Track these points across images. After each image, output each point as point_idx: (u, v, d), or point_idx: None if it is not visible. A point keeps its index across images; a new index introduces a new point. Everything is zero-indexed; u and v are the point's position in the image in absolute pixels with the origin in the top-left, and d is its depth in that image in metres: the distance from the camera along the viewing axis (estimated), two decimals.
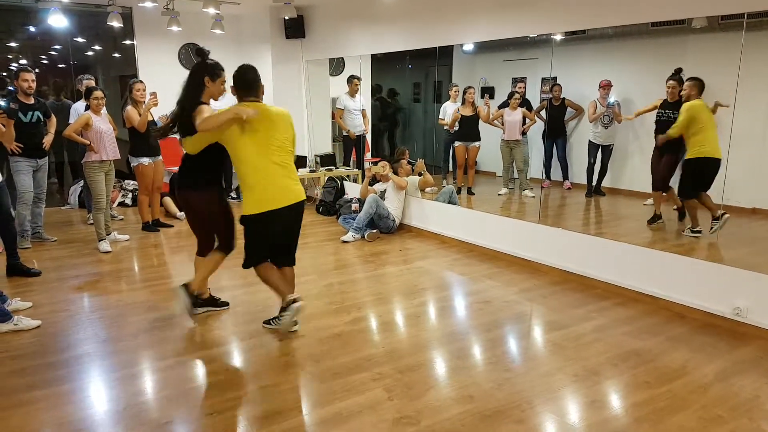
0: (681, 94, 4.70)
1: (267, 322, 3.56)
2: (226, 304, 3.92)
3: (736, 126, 3.84)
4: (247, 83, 3.24)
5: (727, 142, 3.88)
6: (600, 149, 5.99)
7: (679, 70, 4.84)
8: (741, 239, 4.45)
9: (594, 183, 6.05)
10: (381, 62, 7.58)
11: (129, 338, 3.40)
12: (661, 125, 4.92)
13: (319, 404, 2.68)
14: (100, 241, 5.29)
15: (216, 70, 3.40)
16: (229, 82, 3.35)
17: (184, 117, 3.29)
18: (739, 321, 3.57)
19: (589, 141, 6.05)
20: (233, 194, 7.78)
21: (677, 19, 3.98)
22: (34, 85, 5.10)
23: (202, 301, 3.74)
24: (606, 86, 5.84)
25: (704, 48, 4.88)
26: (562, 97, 6.21)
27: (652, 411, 2.64)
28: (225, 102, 3.56)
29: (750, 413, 2.63)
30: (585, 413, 2.63)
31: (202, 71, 3.37)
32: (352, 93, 7.34)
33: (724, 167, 4.03)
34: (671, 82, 4.86)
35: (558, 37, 4.82)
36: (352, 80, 7.30)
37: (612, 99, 5.84)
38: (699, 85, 4.51)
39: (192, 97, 3.33)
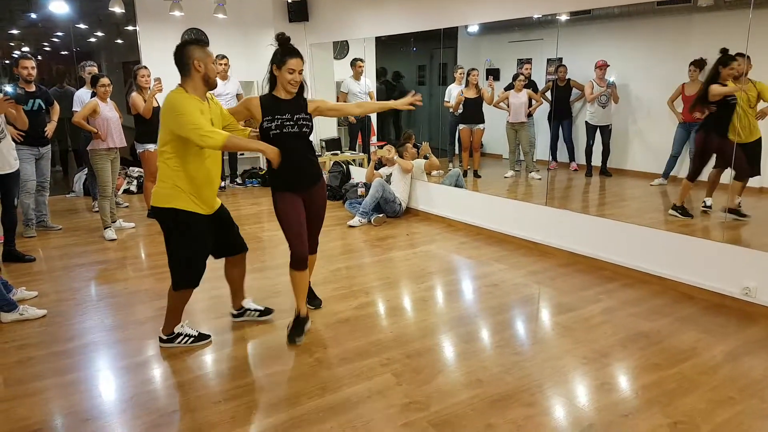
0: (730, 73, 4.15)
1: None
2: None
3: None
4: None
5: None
6: (598, 130, 5.93)
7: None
8: (751, 219, 4.40)
9: (599, 164, 5.99)
10: (385, 45, 7.48)
11: (136, 326, 3.41)
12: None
13: (328, 390, 2.68)
14: (105, 228, 5.30)
15: (282, 57, 2.99)
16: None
17: None
18: (749, 301, 3.54)
19: (586, 122, 5.99)
20: (239, 180, 7.77)
21: None
22: (34, 72, 5.07)
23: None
24: (602, 66, 5.76)
25: (710, 26, 4.79)
26: (567, 78, 6.13)
27: (662, 393, 2.63)
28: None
29: (761, 393, 2.61)
30: (594, 396, 2.62)
31: (271, 60, 3.03)
32: (357, 76, 7.27)
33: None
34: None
35: (563, 18, 4.73)
36: (356, 63, 7.22)
37: (611, 78, 5.76)
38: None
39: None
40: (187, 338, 3.12)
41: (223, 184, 7.49)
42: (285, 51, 2.99)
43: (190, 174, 2.82)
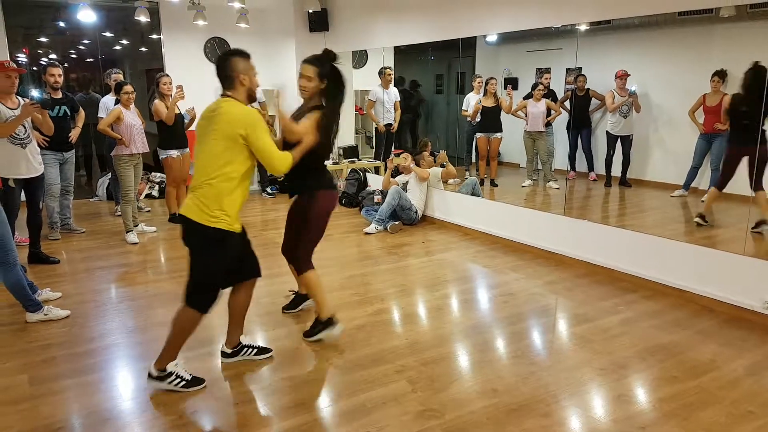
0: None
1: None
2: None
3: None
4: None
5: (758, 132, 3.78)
6: (618, 140, 5.89)
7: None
8: None
9: (620, 174, 5.95)
10: (404, 54, 7.52)
11: (156, 328, 3.46)
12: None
13: (343, 396, 2.70)
14: (127, 232, 5.39)
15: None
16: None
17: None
18: None
19: (607, 132, 5.95)
20: (269, 190, 7.80)
21: (705, 8, 3.88)
22: (61, 79, 5.21)
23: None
24: (622, 76, 5.73)
25: (732, 37, 4.74)
26: (586, 87, 6.10)
27: (681, 406, 2.60)
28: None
29: None
30: (611, 408, 2.60)
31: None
32: (386, 85, 7.27)
33: (753, 158, 3.92)
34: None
35: (583, 27, 4.74)
36: (384, 71, 7.23)
37: (632, 88, 5.73)
38: None
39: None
40: (179, 381, 2.71)
41: None
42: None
43: (242, 194, 2.67)
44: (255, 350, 3.07)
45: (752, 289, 3.58)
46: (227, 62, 2.71)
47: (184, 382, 2.72)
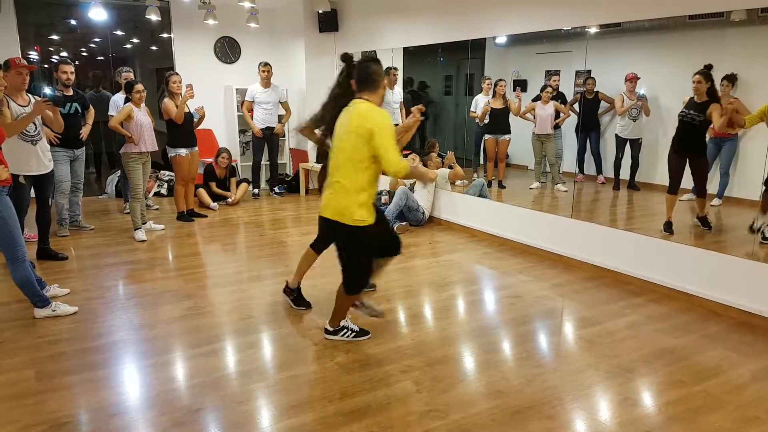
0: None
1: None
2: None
3: None
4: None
5: (766, 137, 3.76)
6: (628, 143, 5.87)
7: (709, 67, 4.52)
8: None
9: (628, 178, 5.92)
10: (413, 55, 7.53)
11: (162, 325, 3.49)
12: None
13: (348, 395, 2.71)
14: (135, 230, 5.43)
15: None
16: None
17: None
18: None
19: (616, 135, 5.93)
20: (277, 189, 7.81)
21: (717, 11, 3.87)
22: (72, 77, 5.25)
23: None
24: (632, 79, 5.70)
25: (743, 42, 4.71)
26: (595, 90, 6.08)
27: (686, 410, 2.59)
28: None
29: None
30: (616, 411, 2.59)
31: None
32: (391, 85, 7.29)
33: (763, 163, 3.90)
34: (697, 76, 4.47)
35: (593, 30, 4.72)
36: (390, 71, 7.26)
37: (641, 91, 5.70)
38: None
39: None
40: (349, 332, 3.27)
41: (257, 191, 7.59)
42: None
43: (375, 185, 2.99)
44: (354, 333, 3.32)
45: (760, 294, 3.56)
46: (371, 67, 2.97)
47: (354, 333, 3.27)
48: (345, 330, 3.28)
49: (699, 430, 2.43)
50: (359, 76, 2.98)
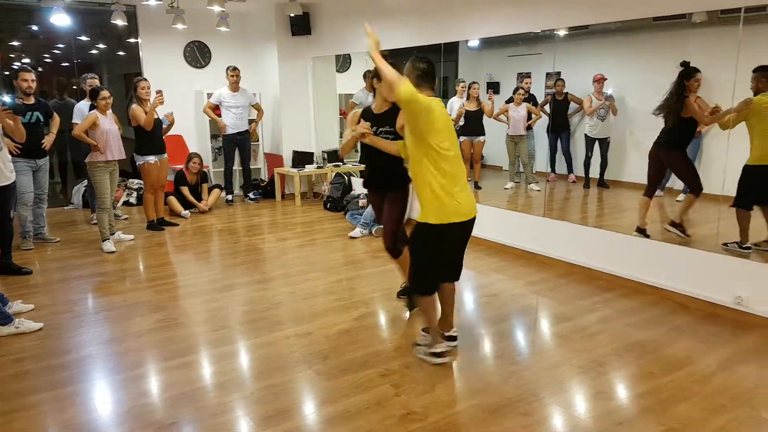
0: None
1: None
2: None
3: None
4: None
5: (727, 134, 3.88)
6: (597, 142, 5.99)
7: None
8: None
9: (597, 176, 6.04)
10: (387, 59, 7.56)
11: (133, 339, 3.42)
12: None
13: (327, 402, 2.70)
14: (104, 240, 5.32)
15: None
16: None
17: None
18: (742, 310, 3.58)
19: (585, 135, 6.05)
20: (252, 195, 7.72)
21: (679, 13, 3.97)
22: (34, 85, 5.10)
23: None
24: (600, 80, 5.82)
25: (704, 42, 4.85)
26: (565, 91, 6.19)
27: (657, 401, 2.65)
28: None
29: (751, 402, 2.64)
30: (591, 404, 2.64)
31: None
32: (369, 88, 7.28)
33: (724, 159, 4.01)
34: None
35: (562, 33, 4.81)
36: (368, 75, 7.26)
37: (609, 92, 5.83)
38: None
39: None
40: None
41: (230, 197, 7.50)
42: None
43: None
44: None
45: (725, 286, 3.67)
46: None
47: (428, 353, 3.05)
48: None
49: (669, 420, 2.49)
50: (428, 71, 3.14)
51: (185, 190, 6.84)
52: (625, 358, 3.08)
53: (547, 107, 6.51)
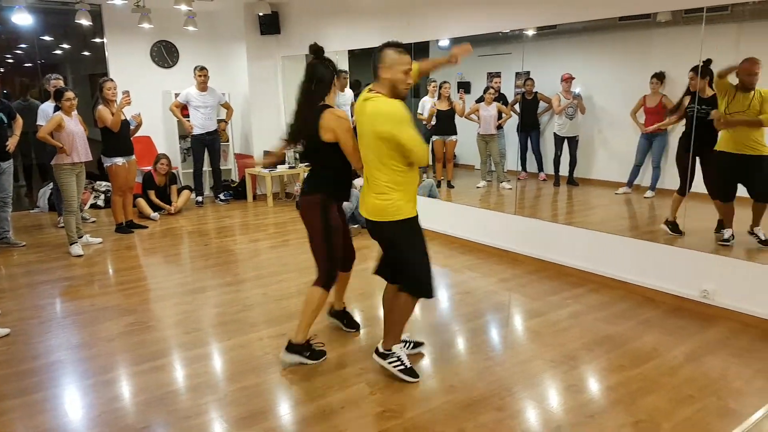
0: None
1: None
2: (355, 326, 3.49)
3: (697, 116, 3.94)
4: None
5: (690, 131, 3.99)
6: (565, 141, 6.10)
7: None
8: (706, 224, 4.56)
9: (567, 174, 6.15)
10: (358, 58, 7.54)
11: (103, 343, 3.35)
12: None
13: (302, 402, 2.68)
14: (71, 244, 5.19)
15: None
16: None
17: None
18: (707, 303, 3.68)
19: (555, 133, 6.16)
20: (222, 196, 7.62)
21: (643, 13, 4.07)
22: None
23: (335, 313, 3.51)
24: (568, 79, 5.93)
25: (668, 41, 4.98)
26: (534, 91, 6.28)
27: (626, 393, 2.71)
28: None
29: (718, 392, 2.71)
30: (562, 398, 2.68)
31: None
32: (341, 87, 7.25)
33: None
34: (690, 73, 4.26)
35: (530, 33, 4.88)
36: (340, 74, 7.23)
37: (577, 91, 5.94)
38: None
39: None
40: (399, 364, 2.84)
41: (200, 198, 7.40)
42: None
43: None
44: (411, 344, 3.14)
45: (691, 280, 3.77)
46: (377, 53, 2.67)
47: (402, 368, 2.84)
48: (395, 359, 2.86)
49: (638, 411, 2.55)
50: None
51: (152, 194, 6.73)
52: (596, 351, 3.14)
53: (516, 106, 6.60)
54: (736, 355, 3.08)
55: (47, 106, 5.70)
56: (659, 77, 5.11)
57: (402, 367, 2.85)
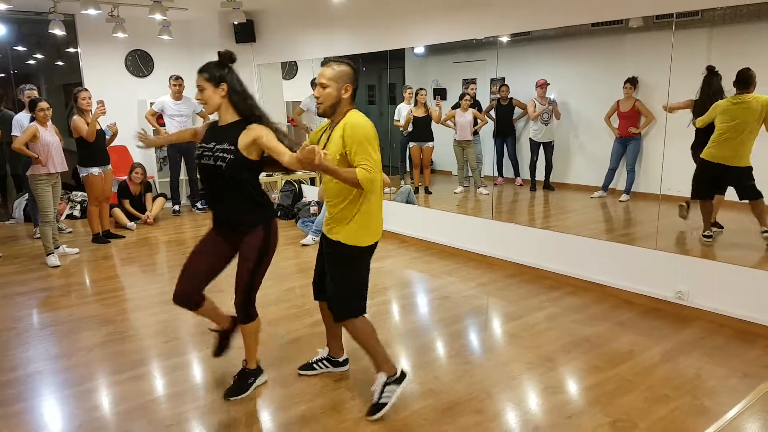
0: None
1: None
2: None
3: (670, 120, 4.05)
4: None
5: (663, 135, 4.09)
6: (541, 146, 6.19)
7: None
8: (680, 226, 4.67)
9: (543, 179, 6.24)
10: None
11: (82, 353, 3.31)
12: None
13: (281, 409, 2.69)
14: (48, 255, 5.12)
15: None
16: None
17: None
18: (682, 304, 3.76)
19: (530, 139, 6.25)
20: (199, 205, 7.56)
21: (615, 19, 4.17)
22: None
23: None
24: (543, 85, 6.03)
25: (641, 47, 5.10)
26: (509, 97, 6.37)
27: (603, 393, 2.76)
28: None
29: (693, 391, 2.78)
30: (540, 399, 2.73)
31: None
32: None
33: (661, 157, 4.22)
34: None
35: (504, 39, 4.96)
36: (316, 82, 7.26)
37: (551, 96, 6.04)
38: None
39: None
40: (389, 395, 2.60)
41: (177, 207, 7.34)
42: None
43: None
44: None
45: (665, 281, 3.86)
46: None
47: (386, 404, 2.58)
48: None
49: (615, 411, 2.61)
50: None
51: (126, 203, 6.66)
52: (573, 353, 3.20)
53: (492, 112, 6.68)
54: (710, 355, 3.17)
55: (22, 117, 5.62)
56: (632, 82, 5.23)
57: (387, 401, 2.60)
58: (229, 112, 2.63)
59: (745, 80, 3.86)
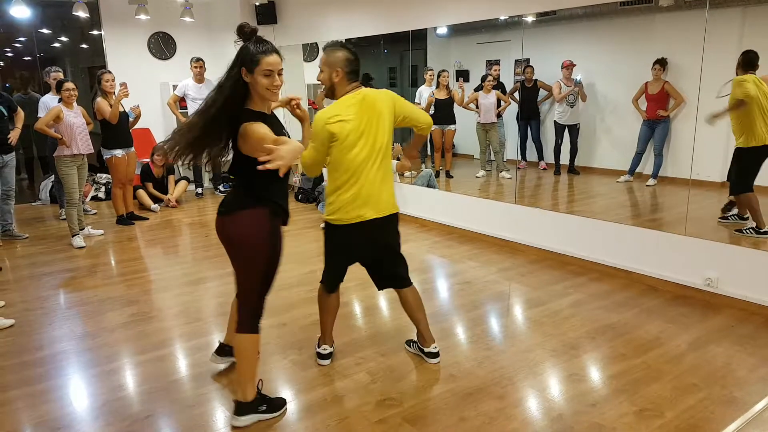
0: None
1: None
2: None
3: (702, 102, 3.91)
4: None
5: (694, 118, 3.96)
6: (566, 129, 6.06)
7: None
8: (709, 211, 4.54)
9: (568, 162, 6.13)
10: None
11: (106, 333, 3.36)
12: None
13: (303, 391, 2.69)
14: (73, 236, 5.20)
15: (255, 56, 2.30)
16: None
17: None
18: (711, 291, 3.67)
19: (555, 121, 6.12)
20: (222, 187, 7.61)
21: None
22: None
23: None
24: (569, 66, 5.88)
25: (671, 27, 4.93)
26: (534, 78, 6.24)
27: (629, 382, 2.71)
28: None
29: (722, 381, 2.71)
30: (563, 387, 2.69)
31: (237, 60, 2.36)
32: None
33: (692, 142, 4.09)
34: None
35: (529, 19, 4.83)
36: None
37: (578, 78, 5.89)
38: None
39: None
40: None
41: (200, 190, 7.40)
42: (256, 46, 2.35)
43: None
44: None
45: (694, 268, 3.76)
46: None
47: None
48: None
49: (641, 400, 2.55)
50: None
51: (149, 186, 6.73)
52: (597, 340, 3.14)
53: (516, 94, 6.56)
54: (740, 344, 3.08)
55: (48, 99, 5.69)
56: (661, 63, 5.07)
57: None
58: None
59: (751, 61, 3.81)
